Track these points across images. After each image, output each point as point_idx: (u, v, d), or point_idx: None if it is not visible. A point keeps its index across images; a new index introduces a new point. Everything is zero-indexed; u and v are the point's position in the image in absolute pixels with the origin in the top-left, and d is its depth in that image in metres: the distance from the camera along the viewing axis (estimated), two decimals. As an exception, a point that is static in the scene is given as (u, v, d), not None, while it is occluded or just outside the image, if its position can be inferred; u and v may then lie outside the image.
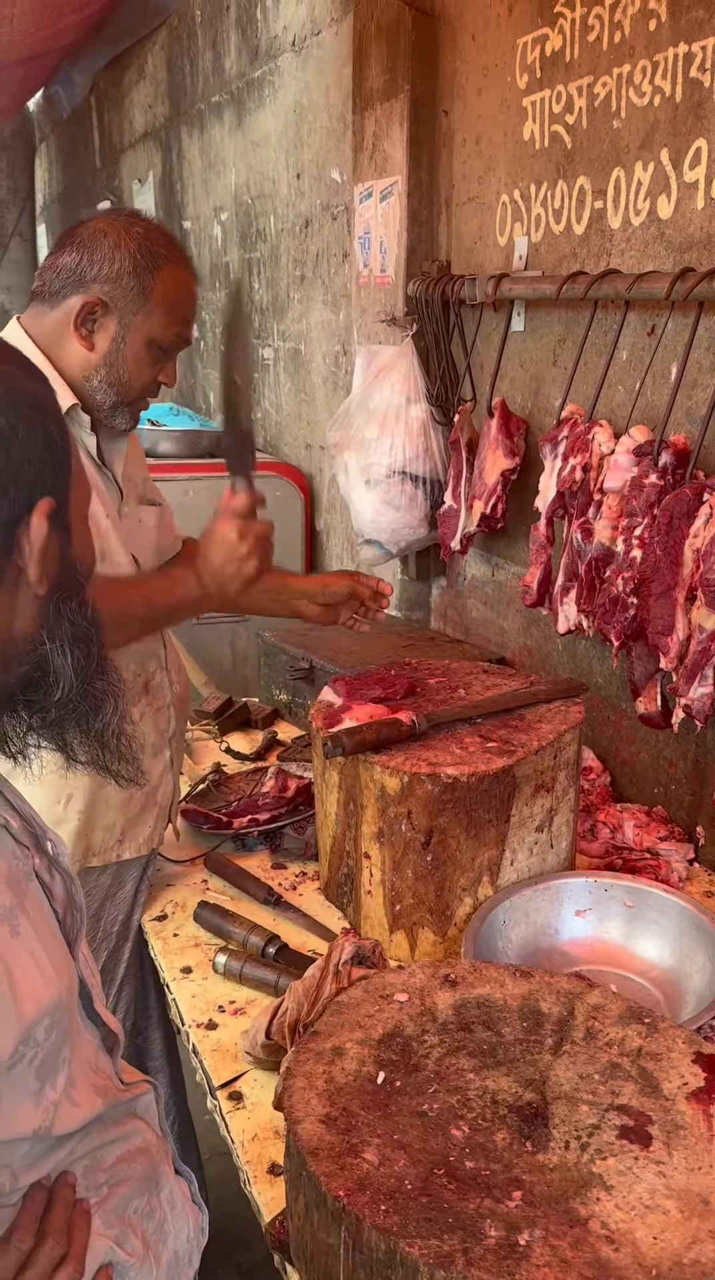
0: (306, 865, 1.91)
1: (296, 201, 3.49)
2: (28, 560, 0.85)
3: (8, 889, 0.87)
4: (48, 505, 0.85)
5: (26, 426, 0.83)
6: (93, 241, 1.61)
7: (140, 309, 1.61)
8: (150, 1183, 1.01)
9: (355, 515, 2.69)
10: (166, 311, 1.63)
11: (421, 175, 2.57)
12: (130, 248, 1.60)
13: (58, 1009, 0.88)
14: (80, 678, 0.90)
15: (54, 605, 0.88)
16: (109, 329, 1.62)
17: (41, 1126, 0.86)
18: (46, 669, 0.89)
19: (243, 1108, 1.35)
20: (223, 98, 4.08)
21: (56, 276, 1.62)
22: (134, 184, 5.62)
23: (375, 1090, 1.10)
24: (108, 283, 1.60)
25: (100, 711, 0.93)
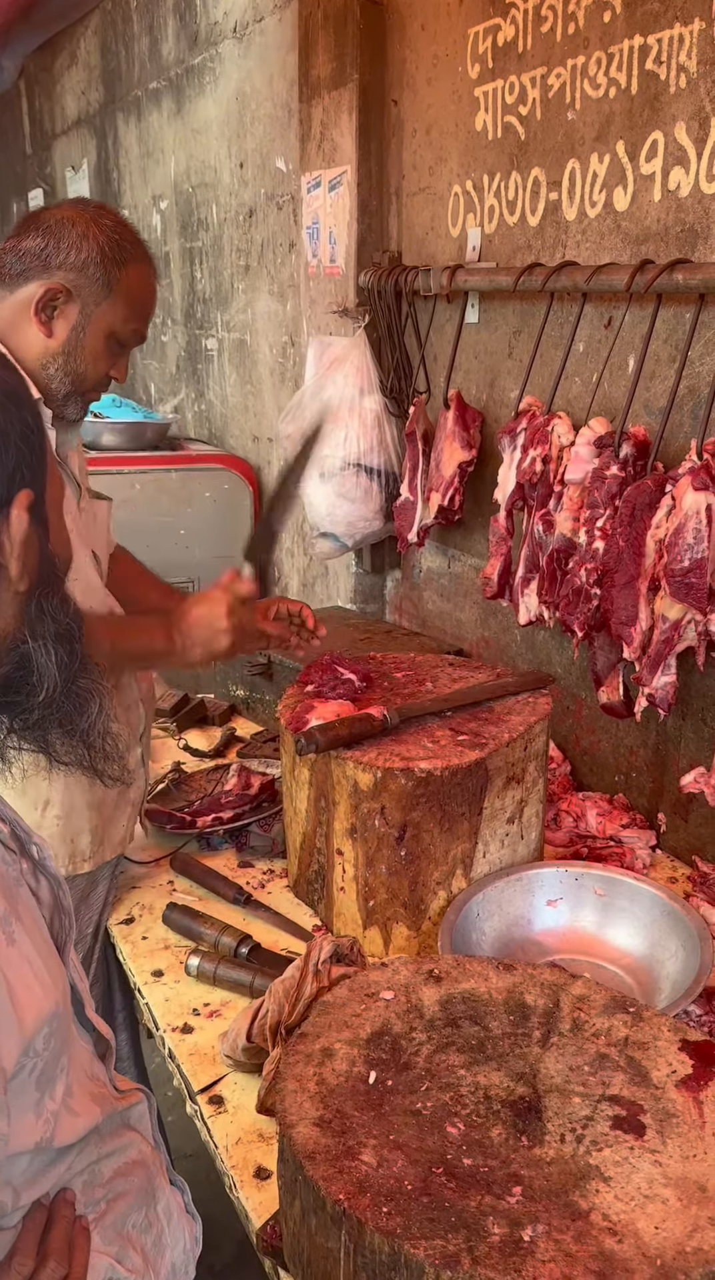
0: (273, 863, 1.89)
1: (239, 190, 3.45)
2: (8, 556, 0.82)
3: (1, 896, 0.85)
4: (27, 498, 0.82)
5: (2, 418, 0.80)
6: (59, 228, 1.58)
7: (103, 300, 1.59)
8: (147, 1196, 0.99)
9: (310, 508, 2.67)
10: (129, 307, 1.61)
11: (371, 165, 2.55)
12: (99, 239, 1.58)
13: (56, 1017, 0.86)
14: (64, 676, 0.88)
15: (35, 602, 0.86)
16: (70, 317, 1.59)
17: (43, 1138, 0.84)
18: (29, 668, 0.86)
19: (224, 1112, 1.34)
20: (161, 84, 4.01)
21: (18, 260, 1.58)
22: (67, 171, 5.51)
23: (368, 1090, 1.09)
24: (73, 271, 1.57)
25: (85, 711, 0.91)
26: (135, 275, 1.61)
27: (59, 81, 5.56)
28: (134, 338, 1.66)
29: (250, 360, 3.59)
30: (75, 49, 5.18)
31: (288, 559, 3.51)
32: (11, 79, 6.47)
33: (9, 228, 6.66)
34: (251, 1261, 1.65)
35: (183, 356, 4.25)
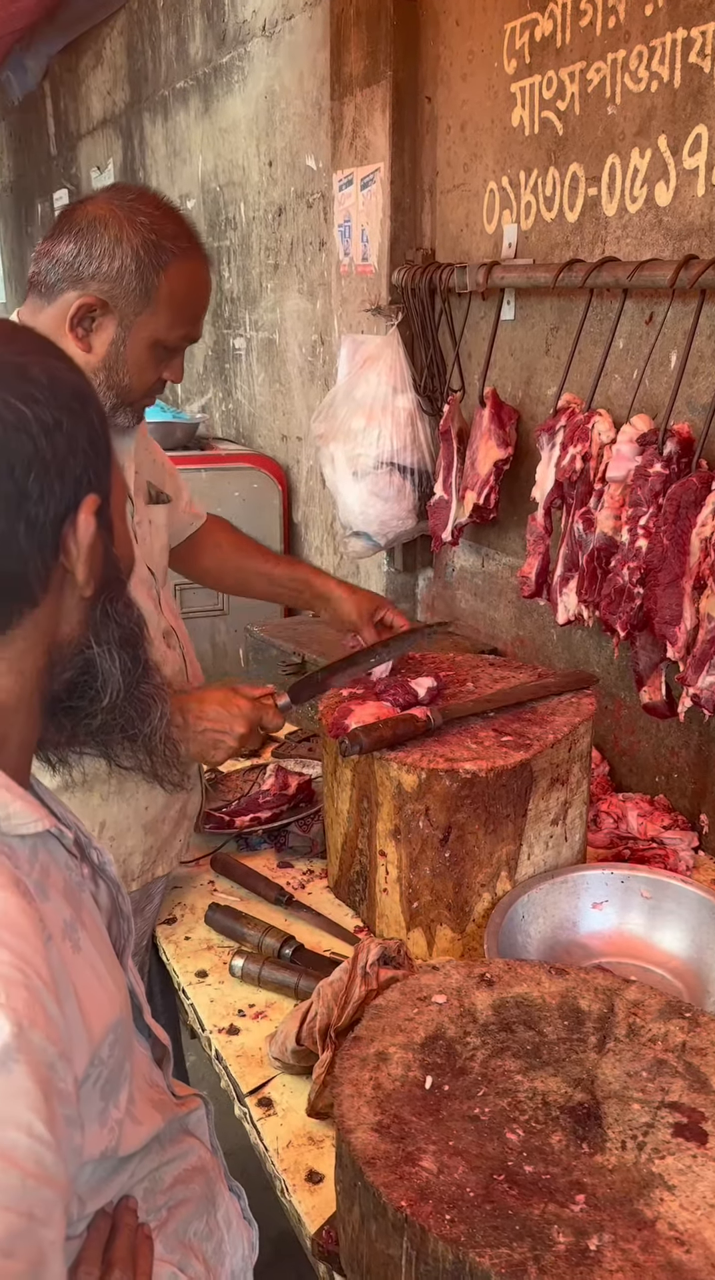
0: (313, 863, 1.89)
1: (268, 189, 3.45)
2: (75, 561, 0.81)
3: (66, 903, 0.84)
4: (94, 502, 0.81)
5: (70, 420, 0.79)
6: (91, 231, 1.46)
7: (143, 310, 1.48)
8: (208, 1203, 0.99)
9: (343, 507, 2.66)
10: (172, 312, 1.50)
11: (404, 162, 2.54)
12: (133, 242, 1.45)
13: (120, 1024, 0.85)
14: (127, 681, 0.87)
15: (100, 607, 0.85)
16: (107, 330, 1.48)
17: (108, 1147, 0.84)
18: (93, 674, 0.85)
19: (273, 1114, 1.33)
20: (188, 84, 4.01)
21: (53, 267, 1.49)
22: (93, 171, 5.52)
23: (424, 1096, 1.08)
24: (106, 281, 1.46)
25: (147, 716, 0.90)
26: (178, 277, 1.49)
27: (84, 82, 5.57)
28: (183, 342, 1.56)
29: (279, 359, 3.58)
30: (101, 49, 5.19)
31: (317, 557, 3.51)
32: (37, 80, 6.49)
33: (34, 229, 6.69)
34: (287, 1261, 1.65)
35: (210, 356, 4.25)
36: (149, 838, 1.67)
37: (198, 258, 1.53)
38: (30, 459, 0.76)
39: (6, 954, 0.70)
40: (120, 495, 0.88)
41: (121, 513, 0.89)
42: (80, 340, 1.49)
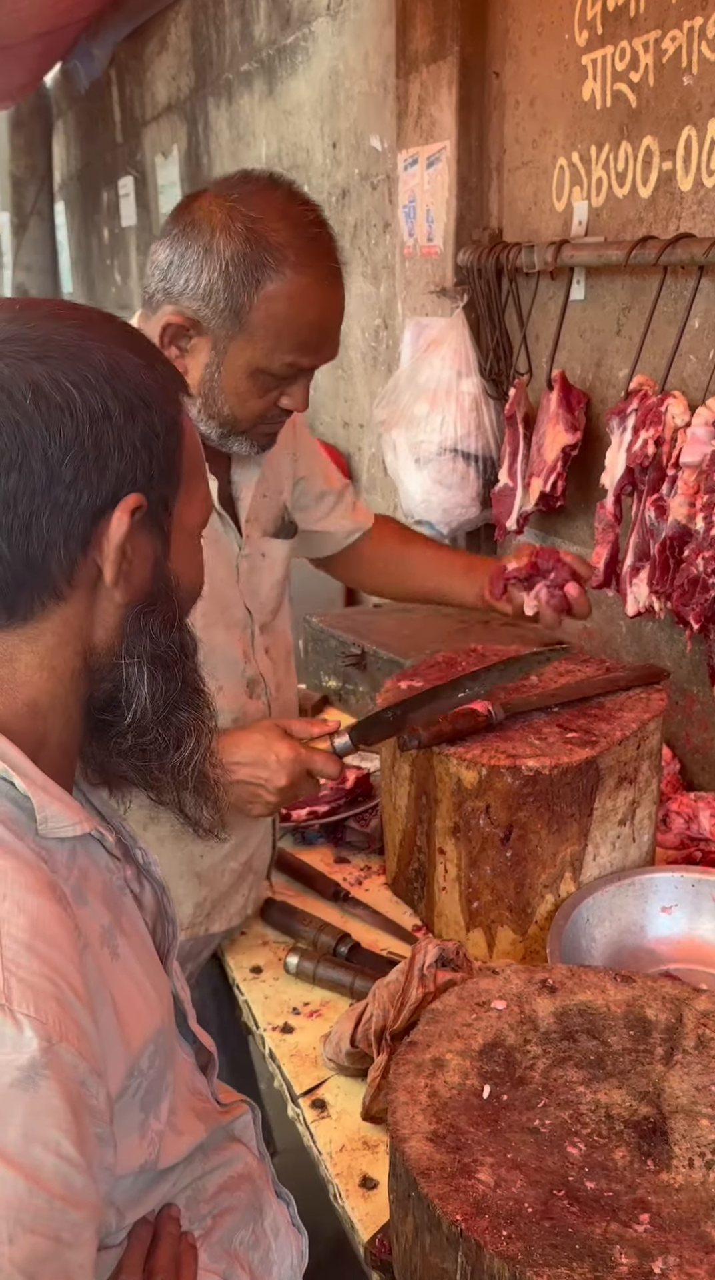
0: (370, 859, 1.85)
1: (332, 171, 3.40)
2: (104, 559, 0.78)
3: (105, 907, 0.82)
4: (133, 501, 0.77)
5: (124, 414, 0.76)
6: (187, 236, 1.28)
7: (236, 335, 1.29)
8: (254, 1211, 0.96)
9: (405, 495, 2.62)
10: (272, 337, 1.28)
11: (471, 140, 2.48)
12: (223, 254, 1.25)
13: (161, 1034, 0.82)
14: (156, 703, 0.82)
15: (136, 618, 0.81)
16: (201, 354, 1.31)
17: (148, 1160, 0.81)
18: (122, 687, 0.82)
19: (328, 1116, 1.30)
20: (252, 66, 3.98)
21: (153, 274, 1.33)
22: (157, 158, 5.52)
23: (482, 1105, 1.05)
24: (196, 299, 1.28)
25: (180, 746, 0.85)
26: (277, 296, 1.27)
27: (149, 68, 5.57)
28: (290, 370, 1.34)
29: (341, 345, 3.54)
30: (166, 35, 5.18)
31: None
32: (102, 68, 6.51)
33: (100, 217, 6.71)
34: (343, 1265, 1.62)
35: (272, 342, 4.22)
36: (203, 888, 1.54)
37: (309, 273, 1.30)
38: (69, 443, 0.74)
39: (39, 964, 0.67)
40: (192, 514, 0.84)
41: (192, 531, 0.85)
42: (177, 361, 1.32)
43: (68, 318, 0.78)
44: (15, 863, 0.72)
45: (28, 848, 0.75)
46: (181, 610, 0.85)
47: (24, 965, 0.67)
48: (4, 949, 0.66)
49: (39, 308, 0.78)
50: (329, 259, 1.33)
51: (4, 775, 0.76)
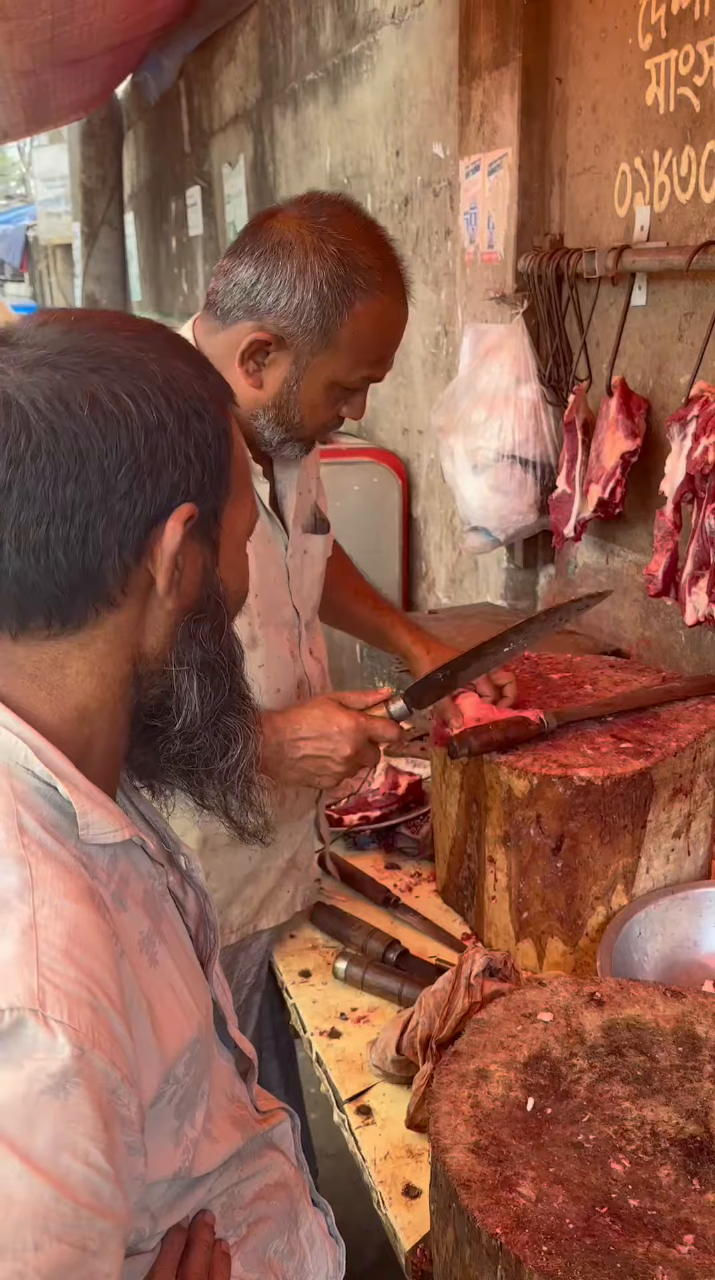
0: (421, 866, 1.85)
1: (395, 179, 3.41)
2: (157, 568, 0.79)
3: (145, 913, 0.82)
4: (186, 511, 0.78)
5: (178, 425, 0.77)
6: (275, 256, 1.32)
7: (322, 351, 1.34)
8: (289, 1220, 0.96)
9: (461, 501, 2.61)
10: (355, 354, 1.35)
11: (533, 146, 2.46)
12: (318, 276, 1.30)
13: (198, 1041, 0.83)
14: (206, 709, 0.83)
15: (186, 626, 0.82)
16: (281, 368, 1.36)
17: (182, 1168, 0.82)
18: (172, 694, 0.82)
19: (372, 1123, 1.30)
20: (317, 76, 4.00)
21: (231, 291, 1.36)
22: (224, 167, 5.58)
23: (525, 1118, 1.04)
24: (284, 317, 1.33)
25: (227, 752, 0.86)
26: (364, 316, 1.33)
27: (218, 79, 5.64)
28: (364, 383, 1.42)
29: (402, 351, 3.53)
30: (234, 45, 5.24)
31: (436, 553, 3.46)
32: (171, 79, 6.61)
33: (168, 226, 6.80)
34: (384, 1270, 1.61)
35: (334, 349, 4.24)
36: (249, 886, 1.57)
37: (391, 293, 1.37)
38: (125, 454, 0.75)
39: (74, 971, 0.68)
40: (239, 522, 0.85)
41: (238, 539, 0.86)
42: (250, 375, 1.38)
43: (122, 329, 0.79)
44: (55, 869, 0.73)
45: (69, 853, 0.76)
46: (229, 617, 0.86)
47: (59, 972, 0.67)
48: (40, 955, 0.67)
49: (94, 319, 0.79)
50: (404, 280, 1.40)
51: (48, 780, 0.77)
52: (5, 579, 0.75)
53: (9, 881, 0.70)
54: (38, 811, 0.76)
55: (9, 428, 0.72)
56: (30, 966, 0.66)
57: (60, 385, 0.73)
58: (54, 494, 0.73)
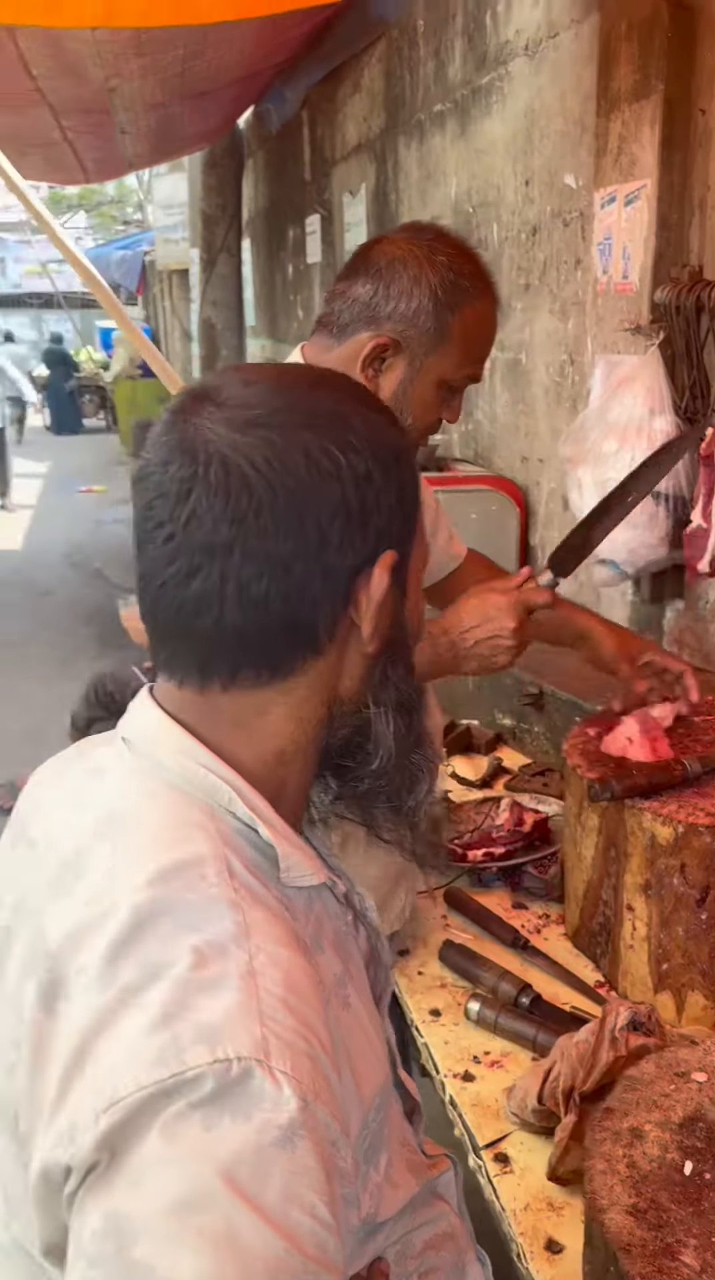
0: (549, 907, 1.82)
1: (523, 208, 3.40)
2: (362, 615, 0.80)
3: (337, 955, 0.83)
4: (391, 558, 0.80)
5: (382, 475, 0.79)
6: (390, 271, 1.47)
7: (434, 350, 1.48)
8: (457, 1272, 0.95)
9: (589, 534, 2.57)
10: (462, 351, 1.50)
11: (673, 178, 2.43)
12: (431, 281, 1.45)
13: (386, 1084, 0.83)
14: (400, 748, 0.84)
15: (382, 668, 0.83)
16: (397, 369, 1.49)
17: (368, 1214, 0.81)
18: (367, 735, 0.84)
19: (510, 1172, 1.28)
20: (445, 107, 4.03)
21: (347, 308, 1.50)
22: (345, 196, 5.66)
23: (684, 1182, 1.01)
24: (402, 321, 1.46)
25: (414, 788, 0.87)
26: (471, 317, 1.48)
27: (341, 109, 5.72)
28: (466, 382, 1.55)
29: (524, 380, 3.53)
30: (359, 77, 5.31)
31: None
32: (294, 109, 6.73)
33: (285, 253, 6.91)
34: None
35: (453, 376, 4.24)
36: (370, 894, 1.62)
37: (491, 299, 1.52)
38: (337, 507, 0.77)
39: (292, 1020, 0.68)
40: (421, 558, 0.87)
41: (418, 577, 0.87)
42: (370, 380, 1.49)
43: (322, 385, 0.82)
44: (266, 914, 0.73)
45: (272, 896, 0.77)
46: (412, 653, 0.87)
47: (280, 1021, 0.67)
48: (262, 1003, 0.67)
49: (295, 377, 0.82)
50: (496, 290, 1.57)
51: (249, 822, 0.79)
52: (225, 633, 0.77)
53: (224, 927, 0.70)
54: (242, 854, 0.77)
55: (230, 487, 0.74)
56: (253, 1015, 0.67)
57: (277, 444, 0.75)
58: (274, 549, 0.75)
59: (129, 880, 0.72)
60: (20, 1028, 0.74)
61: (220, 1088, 0.64)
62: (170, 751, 0.80)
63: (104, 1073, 0.65)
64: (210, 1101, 0.63)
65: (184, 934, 0.69)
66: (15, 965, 0.78)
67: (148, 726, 0.82)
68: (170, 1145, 0.63)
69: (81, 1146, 0.64)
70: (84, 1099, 0.66)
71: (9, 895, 0.83)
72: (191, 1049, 0.64)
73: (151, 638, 0.83)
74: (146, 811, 0.78)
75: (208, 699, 0.80)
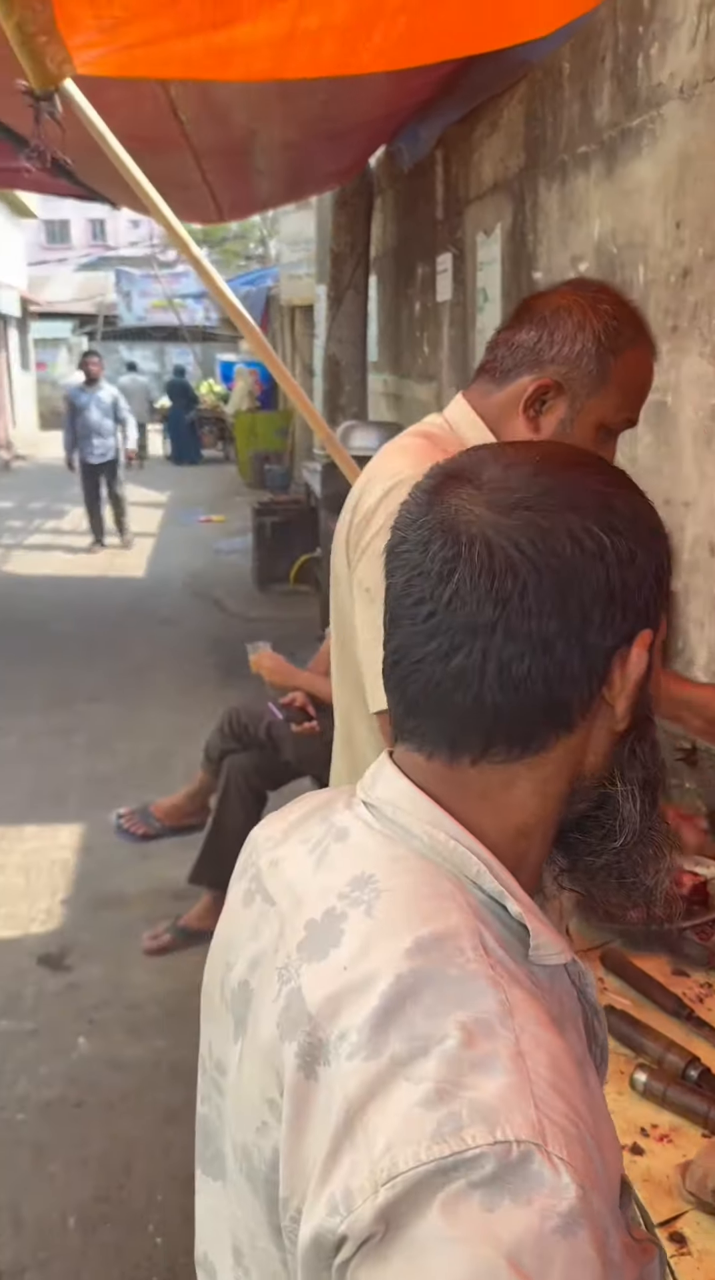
0: (711, 976, 1.76)
1: (673, 250, 3.36)
2: (617, 694, 0.80)
3: (577, 1036, 0.81)
4: (649, 637, 0.81)
5: (644, 554, 0.80)
6: (555, 318, 1.54)
7: (595, 393, 1.53)
8: None
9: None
10: (622, 395, 1.55)
11: None
12: (595, 327, 1.52)
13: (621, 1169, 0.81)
14: (643, 825, 0.84)
15: (629, 744, 0.83)
16: (558, 411, 1.54)
17: None
18: (610, 811, 0.83)
19: (688, 1253, 1.24)
20: (590, 148, 4.02)
21: (511, 353, 1.57)
22: (479, 235, 5.68)
23: None
24: (565, 364, 1.52)
25: (652, 867, 0.86)
26: (632, 362, 1.54)
27: (477, 149, 5.76)
28: (624, 425, 1.60)
29: (669, 422, 3.47)
30: (497, 118, 5.34)
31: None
32: (427, 149, 6.80)
33: (412, 291, 6.99)
34: None
35: (589, 416, 4.20)
36: None
37: (650, 346, 1.61)
38: (600, 588, 0.77)
39: (562, 1104, 0.67)
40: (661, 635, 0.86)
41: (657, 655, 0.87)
42: (530, 421, 1.56)
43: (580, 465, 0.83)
44: (523, 993, 0.73)
45: (524, 974, 0.76)
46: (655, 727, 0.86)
47: (551, 1104, 0.66)
48: (534, 1087, 0.66)
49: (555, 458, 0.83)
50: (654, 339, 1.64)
51: (497, 897, 0.78)
52: (483, 710, 0.77)
53: (488, 1005, 0.70)
54: (492, 929, 0.77)
55: (495, 568, 0.76)
56: (527, 1098, 0.66)
57: (542, 527, 0.76)
58: (537, 630, 0.76)
59: (389, 949, 0.72)
60: (275, 1087, 0.74)
61: (501, 1169, 0.63)
62: (419, 821, 0.80)
63: (380, 1144, 0.65)
64: (491, 1182, 0.62)
65: (449, 1009, 0.69)
66: (268, 1024, 0.78)
67: (396, 794, 0.82)
68: (451, 1224, 0.62)
69: (359, 1217, 0.64)
70: (359, 1169, 0.65)
71: (246, 951, 0.84)
72: (470, 1128, 0.64)
73: (398, 707, 0.84)
74: (399, 879, 0.78)
75: (456, 771, 0.81)
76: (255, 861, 0.90)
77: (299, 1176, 0.70)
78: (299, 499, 10.54)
